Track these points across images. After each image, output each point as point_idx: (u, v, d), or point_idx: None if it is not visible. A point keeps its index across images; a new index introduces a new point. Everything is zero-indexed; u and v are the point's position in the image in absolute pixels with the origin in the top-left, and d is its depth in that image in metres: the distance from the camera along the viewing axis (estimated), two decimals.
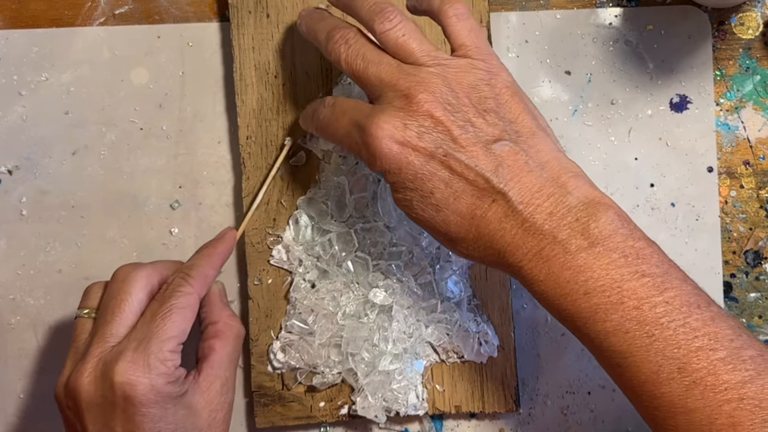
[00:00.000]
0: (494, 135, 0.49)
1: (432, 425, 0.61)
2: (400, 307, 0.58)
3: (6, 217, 0.62)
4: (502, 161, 0.48)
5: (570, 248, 0.46)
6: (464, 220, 0.48)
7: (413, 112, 0.48)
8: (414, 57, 0.50)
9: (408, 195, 0.49)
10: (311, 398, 0.59)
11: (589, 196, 0.48)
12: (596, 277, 0.46)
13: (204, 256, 0.55)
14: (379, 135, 0.48)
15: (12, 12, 0.62)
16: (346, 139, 0.51)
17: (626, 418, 0.61)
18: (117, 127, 0.62)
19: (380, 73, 0.50)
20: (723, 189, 0.62)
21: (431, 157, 0.48)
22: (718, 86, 0.62)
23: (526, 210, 0.47)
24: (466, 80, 0.49)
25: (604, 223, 0.47)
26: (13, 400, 0.62)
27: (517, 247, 0.47)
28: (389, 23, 0.51)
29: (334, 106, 0.52)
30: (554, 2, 0.62)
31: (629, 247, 0.47)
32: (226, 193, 0.62)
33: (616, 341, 0.46)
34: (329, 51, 0.52)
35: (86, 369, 0.49)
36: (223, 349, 0.53)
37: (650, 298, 0.45)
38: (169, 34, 0.62)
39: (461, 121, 0.48)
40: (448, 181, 0.48)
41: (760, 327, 0.61)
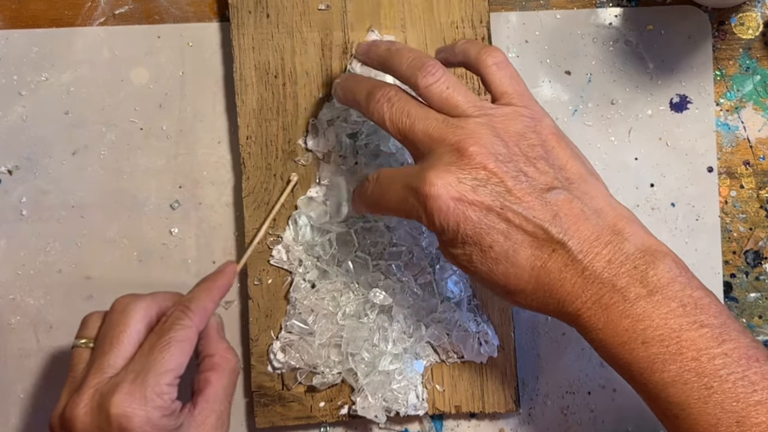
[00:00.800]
0: (547, 183, 0.48)
1: (432, 425, 0.61)
2: (400, 307, 0.58)
3: (6, 217, 0.62)
4: (559, 210, 0.48)
5: (629, 296, 0.46)
6: (524, 271, 0.48)
7: (466, 166, 0.48)
8: (460, 109, 0.50)
9: (467, 250, 0.48)
10: (311, 398, 0.59)
11: (646, 243, 0.48)
12: (655, 326, 0.46)
13: (203, 289, 0.54)
14: (434, 193, 0.47)
15: (12, 12, 0.62)
16: (401, 205, 0.50)
17: (626, 418, 0.61)
18: (117, 127, 0.62)
19: (428, 129, 0.49)
20: (723, 189, 0.62)
21: (489, 211, 0.47)
22: (718, 86, 0.62)
23: (585, 259, 0.47)
24: (514, 128, 0.49)
25: (663, 271, 0.47)
26: (13, 400, 0.62)
27: (576, 296, 0.47)
28: (432, 77, 0.50)
29: (379, 178, 0.52)
30: (554, 2, 0.62)
31: (687, 297, 0.46)
32: (226, 193, 0.62)
33: (674, 392, 0.45)
34: (371, 111, 0.51)
35: (82, 400, 0.48)
36: (219, 382, 0.52)
37: (709, 350, 0.45)
38: (169, 34, 0.62)
39: (514, 172, 0.48)
40: (507, 234, 0.48)
41: (760, 327, 0.61)
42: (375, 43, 0.55)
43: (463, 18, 0.60)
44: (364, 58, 0.55)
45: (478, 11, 0.60)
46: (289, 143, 0.60)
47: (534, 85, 0.62)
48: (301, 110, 0.60)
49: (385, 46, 0.54)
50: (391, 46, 0.53)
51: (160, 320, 0.52)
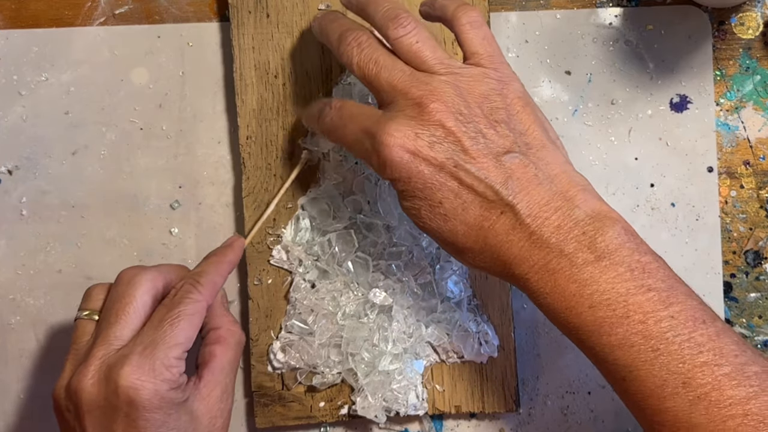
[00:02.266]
0: (504, 147, 0.49)
1: (432, 425, 0.61)
2: (400, 307, 0.58)
3: (6, 217, 0.62)
4: (512, 174, 0.48)
5: (576, 261, 0.47)
6: (472, 230, 0.48)
7: (425, 122, 0.48)
8: (427, 65, 0.50)
9: (417, 204, 0.49)
10: (311, 398, 0.59)
11: (597, 209, 0.48)
12: (602, 291, 0.46)
13: (212, 263, 0.54)
14: (390, 143, 0.48)
15: (12, 12, 0.62)
16: (355, 145, 0.51)
17: (626, 418, 0.61)
18: (117, 127, 0.62)
19: (392, 80, 0.50)
20: (723, 189, 0.62)
21: (441, 168, 0.48)
22: (718, 86, 0.62)
23: (533, 223, 0.47)
24: (479, 90, 0.50)
25: (611, 237, 0.47)
26: (13, 400, 0.62)
27: (523, 260, 0.48)
28: (403, 29, 0.51)
29: (342, 109, 0.52)
30: (554, 2, 0.62)
31: (635, 261, 0.47)
32: (226, 193, 0.62)
33: (621, 355, 0.46)
34: (341, 53, 0.52)
35: (89, 371, 0.48)
36: (224, 355, 0.52)
37: (656, 313, 0.46)
38: (169, 34, 0.62)
39: (472, 132, 0.48)
40: (457, 192, 0.48)
41: (759, 327, 0.61)
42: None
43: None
44: (345, 1, 0.55)
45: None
46: (290, 143, 0.60)
47: (534, 85, 0.62)
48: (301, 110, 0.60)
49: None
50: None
51: (169, 293, 0.52)
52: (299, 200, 0.60)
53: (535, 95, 0.62)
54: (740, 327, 0.61)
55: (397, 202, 0.58)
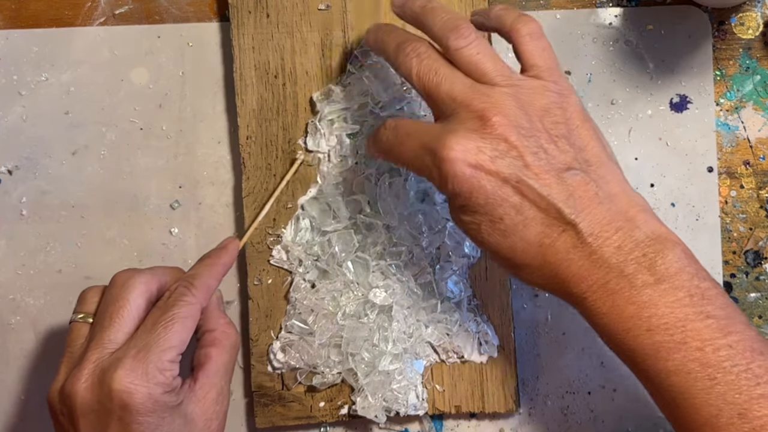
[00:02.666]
0: (566, 163, 0.48)
1: (432, 425, 0.61)
2: (400, 307, 0.58)
3: (6, 217, 0.62)
4: (574, 191, 0.47)
5: (636, 283, 0.46)
6: (531, 247, 0.48)
7: (487, 135, 0.47)
8: (488, 77, 0.49)
9: (477, 219, 0.48)
10: (311, 398, 0.59)
11: (657, 231, 0.48)
12: (660, 315, 0.46)
13: (207, 265, 0.54)
14: (452, 157, 0.47)
15: (12, 12, 0.62)
16: (414, 161, 0.50)
17: (626, 418, 0.61)
18: (117, 127, 0.62)
19: (453, 91, 0.49)
20: (723, 189, 0.62)
21: (504, 183, 0.47)
22: (718, 86, 0.62)
23: (595, 242, 0.47)
24: (539, 103, 0.49)
25: (671, 261, 0.46)
26: (13, 401, 0.62)
27: (582, 279, 0.47)
28: (464, 40, 0.50)
29: (397, 128, 0.51)
30: (554, 2, 0.62)
31: (695, 287, 0.46)
32: (226, 193, 0.62)
33: (677, 381, 0.45)
34: (399, 63, 0.51)
35: (83, 375, 0.48)
36: (219, 357, 0.52)
37: (714, 341, 0.45)
38: (169, 34, 0.62)
39: (534, 147, 0.48)
40: (519, 208, 0.47)
41: (759, 327, 0.61)
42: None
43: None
44: (399, 11, 0.54)
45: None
46: (289, 143, 0.60)
47: None
48: (301, 110, 0.60)
49: (421, 3, 0.53)
50: (427, 3, 0.52)
51: (163, 296, 0.51)
52: (299, 200, 0.60)
53: None
54: None
55: (397, 202, 0.58)
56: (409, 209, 0.59)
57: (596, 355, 0.61)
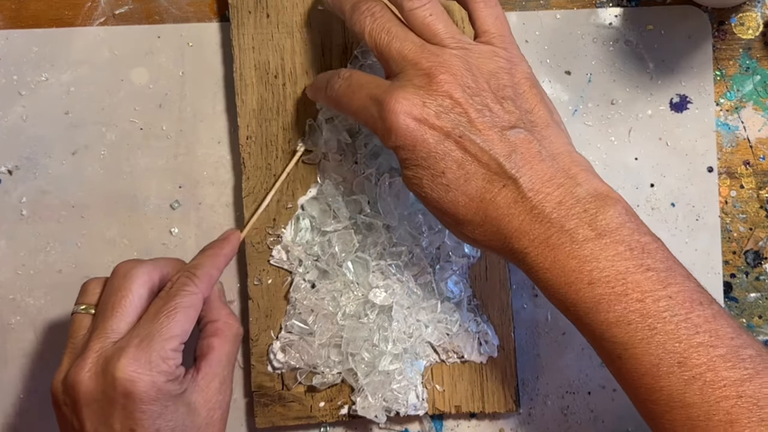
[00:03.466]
0: (510, 122, 0.49)
1: (432, 425, 0.61)
2: (400, 307, 0.58)
3: (6, 217, 0.62)
4: (516, 148, 0.48)
5: (577, 238, 0.47)
6: (473, 202, 0.49)
7: (433, 92, 0.49)
8: (438, 38, 0.50)
9: (419, 173, 0.49)
10: (311, 398, 0.59)
11: (599, 189, 0.49)
12: (601, 268, 0.46)
13: (208, 256, 0.54)
14: (397, 110, 0.48)
15: (12, 12, 0.62)
16: (361, 111, 0.51)
17: (626, 418, 0.61)
18: (117, 127, 0.62)
19: (403, 50, 0.50)
20: (723, 189, 0.62)
21: (447, 137, 0.48)
22: (718, 86, 0.62)
23: (535, 197, 0.48)
24: (487, 66, 0.50)
25: (612, 216, 0.47)
26: (13, 400, 0.62)
27: (523, 234, 0.48)
28: (418, 1, 0.51)
29: (350, 78, 0.52)
30: (554, 2, 0.62)
31: (635, 241, 0.47)
32: (226, 193, 0.62)
33: (618, 332, 0.46)
34: (353, 22, 0.52)
35: (86, 364, 0.48)
36: (222, 347, 0.53)
37: (654, 292, 0.46)
38: (169, 34, 0.62)
39: (479, 105, 0.49)
40: (461, 162, 0.48)
41: (759, 327, 0.61)
42: None
43: (463, 18, 0.60)
44: None
45: None
46: (289, 143, 0.60)
47: None
48: (301, 110, 0.60)
49: None
50: None
51: (165, 286, 0.52)
52: (299, 200, 0.60)
53: None
54: None
55: (397, 202, 0.58)
56: (409, 209, 0.59)
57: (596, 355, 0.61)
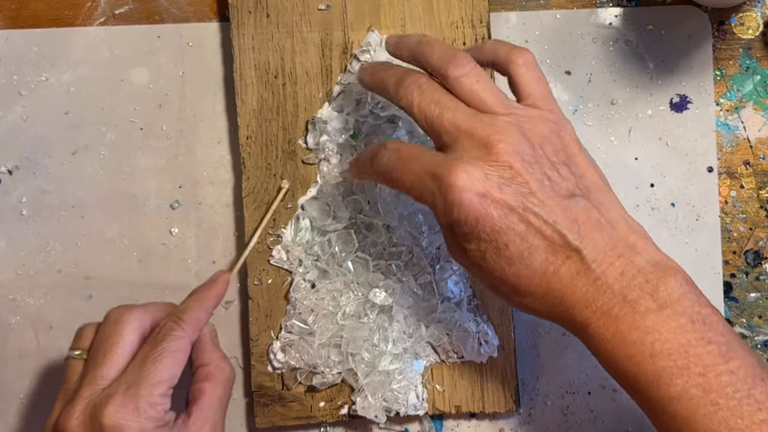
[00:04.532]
0: (568, 189, 0.48)
1: (432, 425, 0.61)
2: (400, 307, 0.58)
3: (6, 217, 0.62)
4: (577, 218, 0.48)
5: (639, 309, 0.46)
6: (536, 274, 0.48)
7: (493, 162, 0.47)
8: (488, 105, 0.49)
9: (482, 246, 0.48)
10: (311, 398, 0.59)
11: (657, 258, 0.48)
12: (663, 340, 0.46)
13: (196, 299, 0.54)
14: (459, 185, 0.47)
15: (12, 12, 0.62)
16: (416, 186, 0.49)
17: (626, 418, 0.61)
18: (117, 127, 0.62)
19: (456, 120, 0.49)
20: (723, 189, 0.62)
21: (511, 211, 0.47)
22: (718, 86, 0.62)
23: (598, 268, 0.47)
24: (539, 131, 0.49)
25: (673, 287, 0.47)
26: (13, 401, 0.62)
27: (586, 305, 0.47)
28: (463, 68, 0.50)
29: (399, 151, 0.51)
30: (554, 2, 0.62)
31: (696, 313, 0.46)
32: (226, 193, 0.62)
33: (680, 407, 0.45)
34: (400, 96, 0.51)
35: (75, 411, 0.49)
36: (213, 391, 0.52)
37: (716, 366, 0.45)
38: (169, 34, 0.62)
39: (539, 175, 0.48)
40: (524, 235, 0.47)
41: (759, 327, 0.61)
42: (406, 35, 0.55)
43: (463, 18, 0.60)
44: (394, 49, 0.54)
45: (478, 11, 0.60)
46: (289, 143, 0.60)
47: None
48: (301, 110, 0.60)
49: (417, 39, 0.53)
50: (422, 39, 0.53)
51: (153, 331, 0.52)
52: (299, 200, 0.60)
53: None
54: (740, 327, 0.61)
55: (397, 202, 0.58)
56: (409, 209, 0.59)
57: None
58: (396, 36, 0.55)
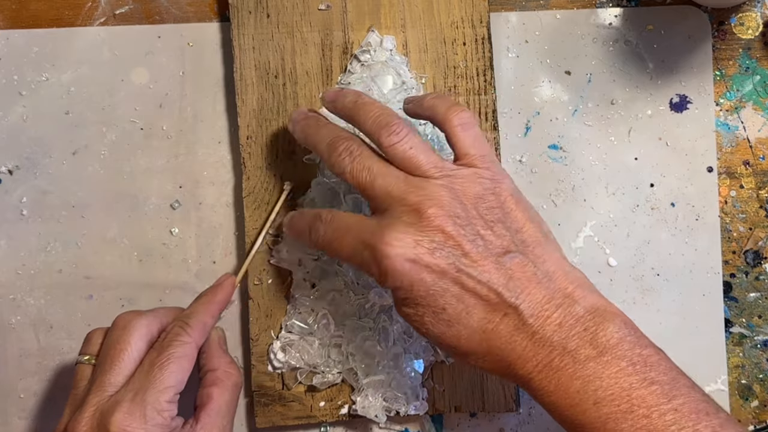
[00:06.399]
0: (503, 246, 0.49)
1: (432, 425, 0.61)
2: None
3: (6, 217, 0.62)
4: (513, 274, 0.48)
5: (579, 358, 0.46)
6: (475, 334, 0.48)
7: (424, 228, 0.48)
8: (421, 170, 0.50)
9: (420, 311, 0.48)
10: (311, 398, 0.59)
11: (596, 305, 0.48)
12: (605, 386, 0.46)
13: (202, 303, 0.55)
14: (390, 253, 0.47)
15: (12, 12, 0.62)
16: (353, 257, 0.50)
17: None
18: (117, 127, 0.62)
19: (388, 187, 0.49)
20: (723, 189, 0.62)
21: (443, 274, 0.48)
22: (718, 86, 0.62)
23: (536, 323, 0.47)
24: (473, 191, 0.49)
25: (612, 332, 0.47)
26: (13, 400, 0.62)
27: (527, 360, 0.47)
28: (396, 136, 0.50)
29: (333, 222, 0.51)
30: (554, 2, 0.62)
31: (637, 355, 0.47)
32: (227, 193, 0.62)
33: None
34: (332, 163, 0.52)
35: (83, 418, 0.49)
36: (221, 397, 0.52)
37: (659, 406, 0.45)
38: (169, 34, 0.62)
39: (471, 235, 0.48)
40: (460, 297, 0.48)
41: (759, 327, 0.61)
42: (342, 92, 0.55)
43: (463, 18, 0.60)
44: (331, 106, 0.55)
45: (478, 11, 0.60)
46: (290, 143, 0.60)
47: (534, 86, 0.62)
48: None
49: (352, 98, 0.53)
50: (358, 99, 0.53)
51: (159, 337, 0.52)
52: (299, 200, 0.60)
53: (535, 95, 0.62)
54: (740, 327, 0.61)
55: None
56: None
57: None
58: (333, 92, 0.55)
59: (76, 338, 0.60)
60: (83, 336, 0.54)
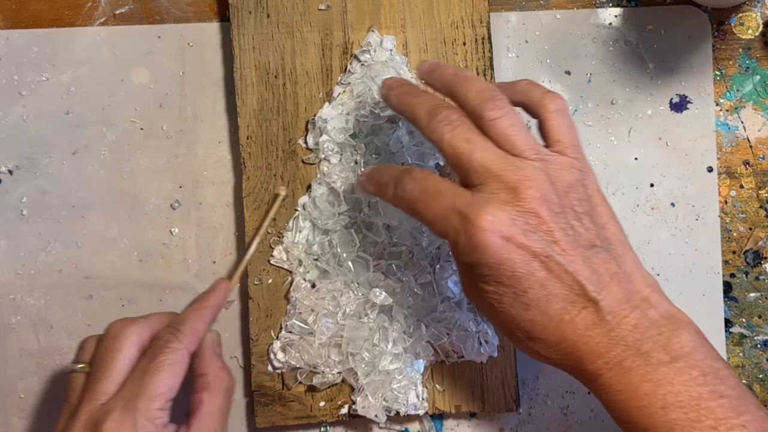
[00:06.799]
0: (590, 240, 0.49)
1: (432, 425, 0.61)
2: (400, 307, 0.58)
3: (6, 217, 0.62)
4: (597, 269, 0.48)
5: (651, 361, 0.46)
6: (551, 322, 0.48)
7: (520, 208, 0.47)
8: (519, 149, 0.49)
9: (501, 290, 0.48)
10: (311, 398, 0.59)
11: (670, 312, 0.48)
12: (675, 392, 0.46)
13: (194, 309, 0.54)
14: (485, 226, 0.46)
15: (12, 12, 0.62)
16: (439, 221, 0.49)
17: None
18: (117, 127, 0.62)
19: (485, 161, 0.48)
20: (723, 189, 0.62)
21: (534, 257, 0.47)
22: (718, 86, 0.62)
23: (613, 320, 0.47)
24: (566, 179, 0.49)
25: (686, 340, 0.47)
26: (13, 400, 0.62)
27: (598, 356, 0.47)
28: (500, 111, 0.50)
29: (425, 182, 0.50)
30: (554, 2, 0.62)
31: (708, 366, 0.47)
32: (227, 193, 0.62)
33: None
34: (431, 129, 0.50)
35: (75, 427, 0.49)
36: (212, 402, 0.52)
37: (727, 420, 0.45)
38: (169, 34, 0.62)
39: (563, 223, 0.48)
40: (544, 283, 0.47)
41: (759, 327, 0.61)
42: (441, 65, 0.54)
43: (463, 18, 0.60)
44: (428, 77, 0.54)
45: (478, 11, 0.60)
46: (290, 143, 0.60)
47: None
48: (301, 110, 0.60)
49: (453, 71, 0.53)
50: (459, 72, 0.52)
51: (151, 344, 0.52)
52: (299, 200, 0.60)
53: None
54: (740, 327, 0.61)
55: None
56: None
57: None
58: (430, 63, 0.54)
59: (76, 338, 0.60)
60: (83, 336, 0.54)
